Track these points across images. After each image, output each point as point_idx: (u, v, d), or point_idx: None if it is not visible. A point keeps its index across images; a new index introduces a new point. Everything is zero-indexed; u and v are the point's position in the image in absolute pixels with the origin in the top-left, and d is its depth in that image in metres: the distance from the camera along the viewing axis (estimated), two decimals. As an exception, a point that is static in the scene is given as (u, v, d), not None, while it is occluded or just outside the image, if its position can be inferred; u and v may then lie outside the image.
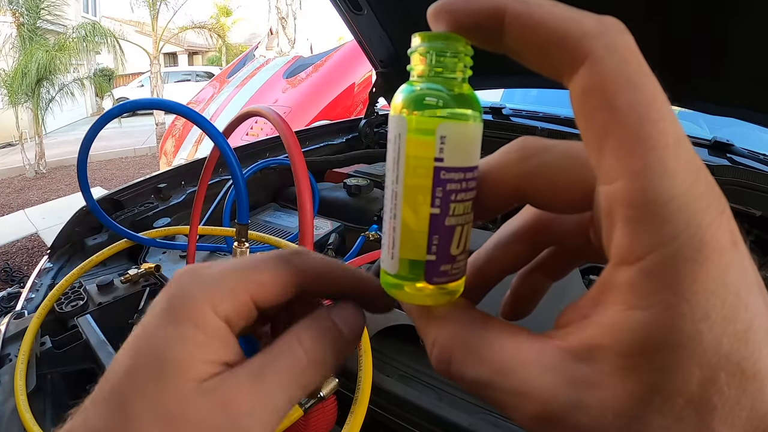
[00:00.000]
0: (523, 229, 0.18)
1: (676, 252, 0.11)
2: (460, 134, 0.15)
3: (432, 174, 0.15)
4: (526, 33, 0.13)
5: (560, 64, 0.13)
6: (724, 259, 0.11)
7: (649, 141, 0.11)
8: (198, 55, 16.47)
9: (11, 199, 5.02)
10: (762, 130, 1.03)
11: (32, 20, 5.91)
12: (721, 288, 0.11)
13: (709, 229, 0.11)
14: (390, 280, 0.17)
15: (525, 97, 1.91)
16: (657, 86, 0.12)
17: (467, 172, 0.15)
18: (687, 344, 0.11)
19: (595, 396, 0.12)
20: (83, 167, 0.76)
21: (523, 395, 0.13)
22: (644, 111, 0.12)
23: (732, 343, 0.11)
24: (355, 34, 1.35)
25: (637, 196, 0.12)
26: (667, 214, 0.11)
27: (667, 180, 0.11)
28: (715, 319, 0.11)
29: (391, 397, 0.55)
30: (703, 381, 0.11)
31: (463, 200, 0.15)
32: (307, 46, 7.00)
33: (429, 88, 0.15)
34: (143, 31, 10.28)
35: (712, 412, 0.11)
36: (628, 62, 0.12)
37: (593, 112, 0.12)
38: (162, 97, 4.58)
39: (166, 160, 4.03)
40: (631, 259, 0.12)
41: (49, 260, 0.93)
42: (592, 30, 0.12)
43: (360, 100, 3.86)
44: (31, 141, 6.08)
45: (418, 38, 0.15)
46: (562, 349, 0.13)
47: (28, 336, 0.64)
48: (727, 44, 0.86)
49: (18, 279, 3.16)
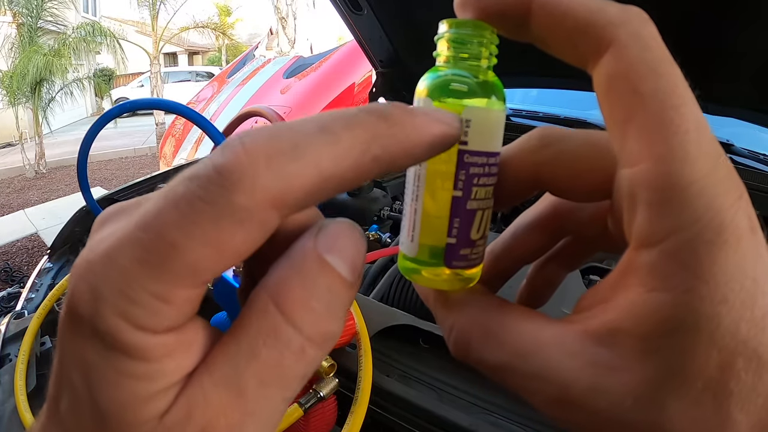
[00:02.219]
0: (541, 218, 0.18)
1: (696, 235, 0.11)
2: (484, 119, 0.15)
3: (456, 157, 0.15)
4: (552, 21, 0.13)
5: (585, 52, 0.13)
6: (743, 244, 0.11)
7: (672, 126, 0.12)
8: (198, 55, 16.48)
9: (11, 199, 5.02)
10: (762, 130, 1.03)
11: (32, 20, 5.92)
12: (739, 272, 0.11)
13: (728, 214, 0.11)
14: (408, 264, 0.17)
15: (525, 97, 1.91)
16: (679, 74, 0.12)
17: (490, 157, 0.15)
18: (705, 327, 0.11)
19: (615, 380, 0.12)
20: (83, 167, 0.76)
21: (542, 379, 0.13)
22: (667, 97, 0.12)
23: (749, 328, 0.11)
24: (355, 34, 1.35)
25: (659, 180, 0.12)
26: (688, 198, 0.11)
27: (688, 164, 0.11)
28: (734, 303, 0.11)
29: (391, 397, 0.55)
30: (721, 365, 0.11)
31: (485, 185, 0.15)
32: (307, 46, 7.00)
33: (455, 74, 0.15)
34: (143, 31, 10.29)
35: (729, 398, 0.11)
36: (652, 50, 0.12)
37: (617, 97, 0.13)
38: (162, 97, 4.58)
39: (165, 160, 4.03)
40: (652, 242, 0.12)
41: (49, 260, 0.93)
42: (616, 18, 0.12)
43: (360, 100, 3.85)
44: (31, 141, 6.08)
45: (445, 24, 0.16)
46: (583, 333, 0.13)
47: (28, 336, 0.64)
48: (727, 44, 0.86)
49: (18, 279, 3.16)
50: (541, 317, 0.15)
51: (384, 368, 0.60)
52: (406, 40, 1.29)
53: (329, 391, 0.53)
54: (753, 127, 1.03)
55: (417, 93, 0.16)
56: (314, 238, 0.12)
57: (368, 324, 0.59)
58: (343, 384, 0.55)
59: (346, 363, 0.57)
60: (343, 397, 0.56)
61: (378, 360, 0.58)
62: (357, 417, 0.49)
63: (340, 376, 0.55)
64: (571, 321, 0.14)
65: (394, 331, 0.64)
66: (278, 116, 0.74)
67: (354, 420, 0.49)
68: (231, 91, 4.25)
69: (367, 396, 0.51)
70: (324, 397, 0.52)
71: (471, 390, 0.57)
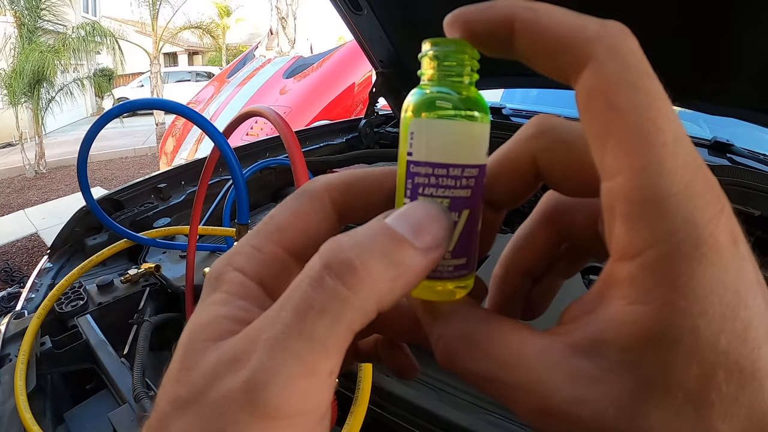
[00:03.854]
0: (538, 221, 0.18)
1: (674, 248, 0.11)
2: (471, 133, 0.16)
3: (405, 167, 0.16)
4: (534, 39, 0.14)
5: (566, 68, 0.13)
6: (723, 258, 0.11)
7: (648, 139, 0.12)
8: (198, 55, 16.48)
9: (11, 199, 5.02)
10: (762, 130, 1.03)
11: (32, 21, 5.92)
12: (719, 285, 0.11)
13: (708, 227, 0.11)
14: None
15: (525, 97, 1.91)
16: (658, 86, 0.12)
17: (472, 169, 0.16)
18: (685, 340, 0.11)
19: (597, 391, 0.12)
20: (83, 167, 0.76)
21: (526, 390, 0.13)
22: (644, 110, 0.12)
23: (730, 340, 0.11)
24: (355, 34, 1.35)
25: (635, 193, 0.12)
26: (665, 211, 0.11)
27: (665, 177, 0.12)
28: (713, 316, 0.11)
29: (391, 397, 0.55)
30: (702, 377, 0.11)
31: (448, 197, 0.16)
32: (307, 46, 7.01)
33: (439, 92, 0.16)
34: (143, 31, 10.28)
35: (711, 409, 0.11)
36: (629, 64, 0.12)
37: (596, 112, 0.13)
38: (162, 97, 4.58)
39: (166, 160, 4.03)
40: (630, 254, 0.12)
41: (49, 260, 0.93)
42: (594, 34, 0.13)
43: (360, 100, 3.85)
44: (31, 141, 6.08)
45: (427, 44, 0.16)
46: (565, 345, 0.13)
47: (28, 336, 0.64)
48: (728, 44, 0.86)
49: (18, 279, 3.16)
50: (526, 329, 0.15)
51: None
52: (406, 40, 1.29)
53: (329, 391, 0.53)
54: (753, 127, 1.03)
55: (404, 109, 0.16)
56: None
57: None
58: (343, 384, 0.55)
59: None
60: (343, 397, 0.56)
61: (378, 360, 0.58)
62: (357, 417, 0.49)
63: (340, 376, 0.55)
64: (555, 333, 0.14)
65: (394, 331, 0.64)
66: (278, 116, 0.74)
67: (354, 420, 0.49)
68: (231, 92, 4.25)
69: (367, 396, 0.51)
70: (324, 397, 0.52)
71: (471, 390, 0.57)
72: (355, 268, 0.13)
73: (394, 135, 1.53)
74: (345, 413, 0.51)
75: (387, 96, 1.50)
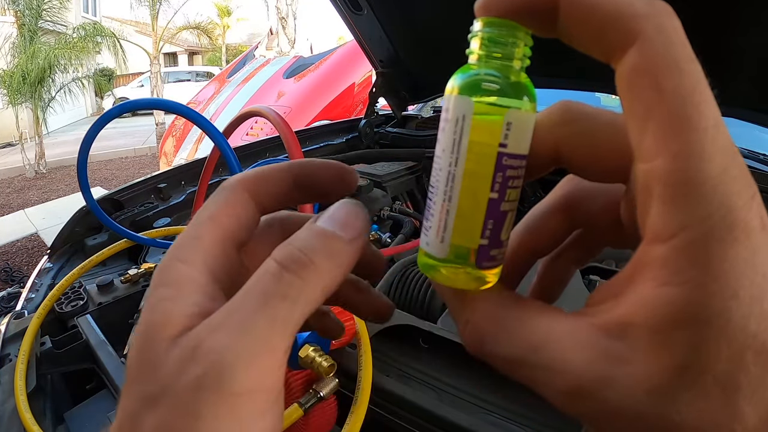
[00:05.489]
0: (554, 208, 0.18)
1: (708, 231, 0.11)
2: (521, 121, 0.15)
3: (495, 158, 0.15)
4: (580, 15, 0.13)
5: (612, 46, 0.13)
6: (753, 241, 0.12)
7: (690, 123, 0.12)
8: (198, 55, 16.48)
9: (11, 199, 5.02)
10: (762, 130, 1.03)
11: (33, 21, 5.92)
12: (749, 268, 0.11)
13: (741, 212, 0.12)
14: (429, 261, 0.17)
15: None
16: (701, 71, 0.12)
17: (523, 160, 0.15)
18: (716, 322, 0.11)
19: (627, 372, 0.12)
20: (83, 167, 0.76)
21: (555, 371, 0.13)
22: (688, 94, 0.12)
23: (759, 322, 0.11)
24: (355, 34, 1.35)
25: (674, 176, 0.12)
26: (702, 195, 0.12)
27: (704, 162, 0.12)
28: (743, 299, 0.11)
29: (391, 397, 0.55)
30: (731, 359, 0.11)
31: (517, 186, 0.16)
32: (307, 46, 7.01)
33: (491, 75, 0.15)
34: (143, 31, 10.29)
35: (738, 391, 0.11)
36: (676, 45, 0.12)
37: (639, 92, 0.13)
38: (162, 97, 4.58)
39: (166, 160, 4.03)
40: (664, 236, 0.12)
41: (49, 260, 0.93)
42: (643, 10, 0.13)
43: (360, 100, 3.85)
44: (31, 141, 6.08)
45: (479, 22, 0.15)
46: (595, 326, 0.13)
47: (28, 336, 0.64)
48: (728, 44, 0.86)
49: (18, 279, 3.16)
50: (554, 311, 0.15)
51: (384, 368, 0.60)
52: (406, 40, 1.29)
53: (329, 391, 0.53)
54: (753, 127, 1.03)
55: (447, 91, 0.16)
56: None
57: (368, 324, 0.59)
58: (343, 384, 0.55)
59: (346, 363, 0.57)
60: (343, 397, 0.56)
61: (378, 360, 0.58)
62: (357, 417, 0.49)
63: (340, 376, 0.55)
64: (584, 314, 0.14)
65: (394, 331, 0.64)
66: (278, 116, 0.74)
67: (354, 420, 0.49)
68: (231, 91, 4.25)
69: (367, 396, 0.51)
70: (324, 397, 0.52)
71: (471, 390, 0.57)
72: (305, 264, 0.15)
73: (394, 135, 1.52)
74: (345, 413, 0.51)
75: (387, 96, 1.50)
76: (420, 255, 0.17)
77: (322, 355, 0.54)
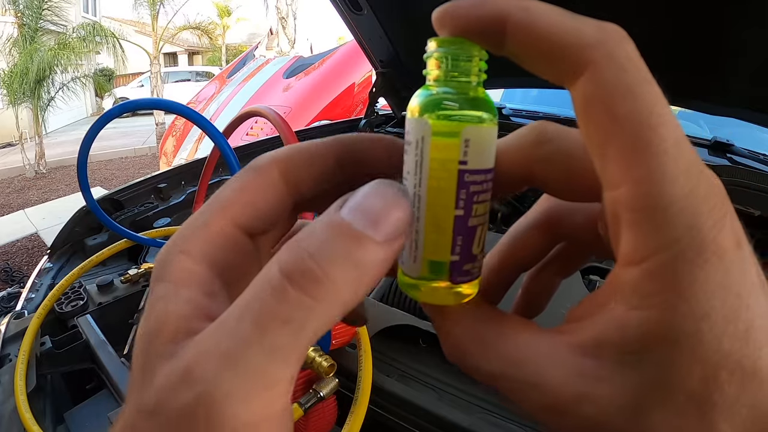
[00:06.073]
0: (536, 223, 0.18)
1: (677, 255, 0.12)
2: (480, 137, 0.15)
3: (456, 176, 0.15)
4: (527, 41, 0.13)
5: (562, 73, 0.13)
6: (725, 262, 0.12)
7: (649, 147, 0.12)
8: (198, 55, 16.48)
9: (11, 199, 5.02)
10: (762, 130, 1.03)
11: (34, 21, 5.92)
12: (721, 289, 0.11)
13: (711, 232, 0.12)
14: (408, 280, 0.17)
15: (525, 97, 1.91)
16: (657, 92, 0.12)
17: (487, 174, 0.16)
18: (687, 342, 0.11)
19: (601, 389, 0.13)
20: (83, 167, 0.76)
21: (533, 386, 0.14)
22: (644, 118, 0.12)
23: (733, 342, 0.11)
24: (355, 34, 1.35)
25: (639, 202, 0.12)
26: (669, 218, 0.12)
27: (667, 185, 0.12)
28: (715, 319, 0.11)
29: (391, 397, 0.55)
30: (704, 378, 0.11)
31: (483, 201, 0.16)
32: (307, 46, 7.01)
33: (447, 93, 0.15)
34: (143, 31, 10.29)
35: (713, 409, 0.11)
36: (628, 71, 0.12)
37: (595, 120, 0.13)
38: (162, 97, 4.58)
39: (166, 160, 4.03)
40: (635, 261, 0.12)
41: (49, 260, 0.93)
42: (592, 39, 0.12)
43: (360, 100, 3.85)
44: (31, 141, 6.08)
45: (434, 43, 0.16)
46: (572, 344, 0.14)
47: (28, 336, 0.64)
48: (728, 44, 0.86)
49: (18, 279, 3.16)
50: (533, 327, 0.15)
51: (384, 368, 0.60)
52: (406, 40, 1.29)
53: (329, 391, 0.53)
54: (753, 127, 1.03)
55: (410, 111, 0.16)
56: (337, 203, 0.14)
57: (368, 324, 0.59)
58: (343, 384, 0.55)
59: (346, 363, 0.57)
60: (343, 397, 0.56)
61: (378, 360, 0.58)
62: (357, 417, 0.49)
63: (340, 376, 0.55)
64: (562, 332, 0.14)
65: (394, 331, 0.64)
66: (278, 116, 0.74)
67: (354, 420, 0.49)
68: (231, 91, 4.25)
69: (367, 396, 0.51)
70: (324, 397, 0.52)
71: (471, 390, 0.57)
72: (318, 278, 0.12)
73: (394, 135, 1.52)
74: (345, 413, 0.51)
75: (387, 96, 1.50)
76: (399, 273, 0.17)
77: (322, 355, 0.54)
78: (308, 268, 0.12)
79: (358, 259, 0.12)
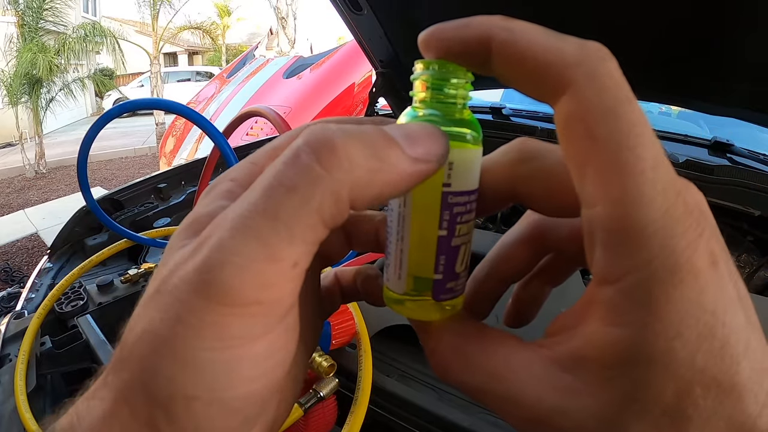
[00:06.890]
0: (523, 236, 0.19)
1: (651, 275, 0.12)
2: (464, 159, 0.15)
3: (440, 198, 0.15)
4: (511, 62, 0.14)
5: (544, 92, 0.13)
6: (700, 281, 0.12)
7: (626, 168, 0.12)
8: (198, 55, 16.47)
9: (11, 199, 5.01)
10: (762, 130, 1.03)
11: (34, 21, 5.93)
12: (695, 308, 0.12)
13: (684, 253, 0.12)
14: (393, 296, 0.17)
15: (525, 96, 1.90)
16: (637, 111, 0.12)
17: (470, 195, 0.16)
18: (660, 359, 0.12)
19: (578, 403, 0.13)
20: (83, 167, 0.76)
21: (513, 400, 0.14)
22: (623, 138, 0.12)
23: (707, 358, 0.12)
24: (355, 34, 1.35)
25: (614, 222, 0.12)
26: (643, 240, 0.12)
27: (643, 207, 0.12)
28: (689, 337, 0.12)
29: (391, 397, 0.55)
30: (678, 393, 0.12)
31: (467, 221, 0.16)
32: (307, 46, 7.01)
33: (432, 115, 0.15)
34: (143, 31, 10.28)
35: (688, 422, 0.12)
36: (609, 90, 0.12)
37: (574, 140, 0.13)
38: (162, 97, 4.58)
39: (166, 160, 4.03)
40: (610, 280, 0.13)
41: (49, 260, 0.93)
42: (573, 58, 0.13)
43: (360, 100, 3.85)
44: (31, 141, 6.08)
45: (420, 65, 0.16)
46: (550, 359, 0.14)
47: (28, 336, 0.64)
48: (728, 44, 0.86)
49: (18, 279, 3.16)
50: (513, 341, 0.15)
51: (384, 368, 0.60)
52: (406, 41, 1.29)
53: (329, 391, 0.53)
54: (753, 127, 1.03)
55: None
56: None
57: (368, 324, 0.59)
58: (343, 384, 0.55)
59: (346, 363, 0.58)
60: (343, 397, 0.56)
61: (378, 360, 0.58)
62: (357, 417, 0.49)
63: (340, 376, 0.55)
64: (540, 345, 0.15)
65: (394, 331, 0.64)
66: (278, 116, 0.74)
67: (354, 420, 0.49)
68: (231, 91, 4.25)
69: (367, 396, 0.51)
70: (324, 397, 0.52)
71: (471, 390, 0.57)
72: (334, 147, 0.12)
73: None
74: (345, 413, 0.51)
75: (387, 96, 1.50)
76: (384, 290, 0.18)
77: (322, 355, 0.54)
78: (328, 137, 0.12)
79: (382, 154, 0.12)
